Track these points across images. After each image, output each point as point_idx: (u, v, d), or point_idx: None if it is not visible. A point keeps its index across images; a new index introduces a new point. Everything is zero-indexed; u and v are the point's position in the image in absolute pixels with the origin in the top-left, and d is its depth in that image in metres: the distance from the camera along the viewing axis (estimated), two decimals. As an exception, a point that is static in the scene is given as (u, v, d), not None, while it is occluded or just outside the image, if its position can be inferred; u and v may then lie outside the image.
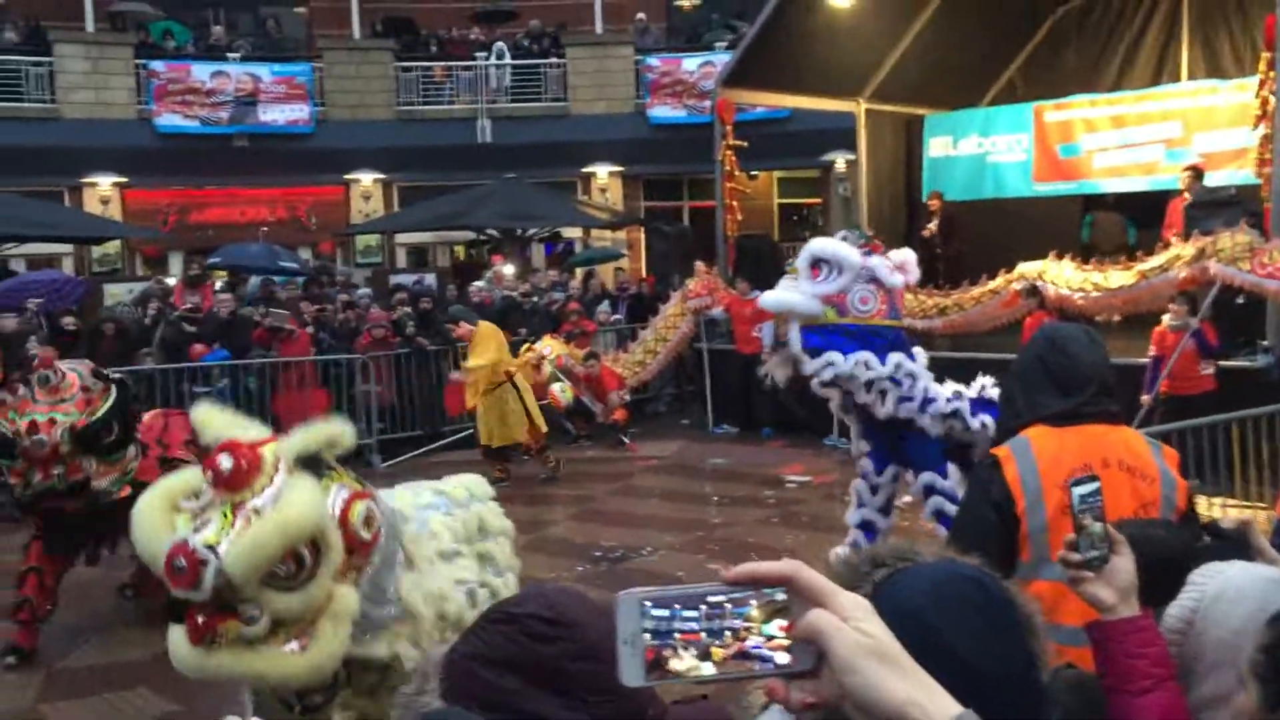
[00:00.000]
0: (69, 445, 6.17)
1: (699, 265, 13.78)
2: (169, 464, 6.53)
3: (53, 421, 6.19)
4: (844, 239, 6.13)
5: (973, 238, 14.21)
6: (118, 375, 6.86)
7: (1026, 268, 11.74)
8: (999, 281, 11.96)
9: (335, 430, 2.96)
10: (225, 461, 2.74)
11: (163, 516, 2.73)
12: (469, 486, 4.41)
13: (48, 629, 6.81)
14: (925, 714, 0.91)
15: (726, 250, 14.36)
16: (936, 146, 15.55)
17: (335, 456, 3.09)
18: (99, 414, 6.30)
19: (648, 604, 0.96)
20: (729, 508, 9.73)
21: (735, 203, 14.44)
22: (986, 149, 14.97)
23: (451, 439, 12.79)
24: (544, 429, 10.99)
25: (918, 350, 6.39)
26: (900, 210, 16.13)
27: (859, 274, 5.80)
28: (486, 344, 10.52)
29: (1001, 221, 14.40)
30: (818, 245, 6.06)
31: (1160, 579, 1.86)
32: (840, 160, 20.52)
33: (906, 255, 6.46)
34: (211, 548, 2.62)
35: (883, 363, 5.94)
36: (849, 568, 1.32)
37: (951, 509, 5.71)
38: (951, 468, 6.07)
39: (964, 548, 1.41)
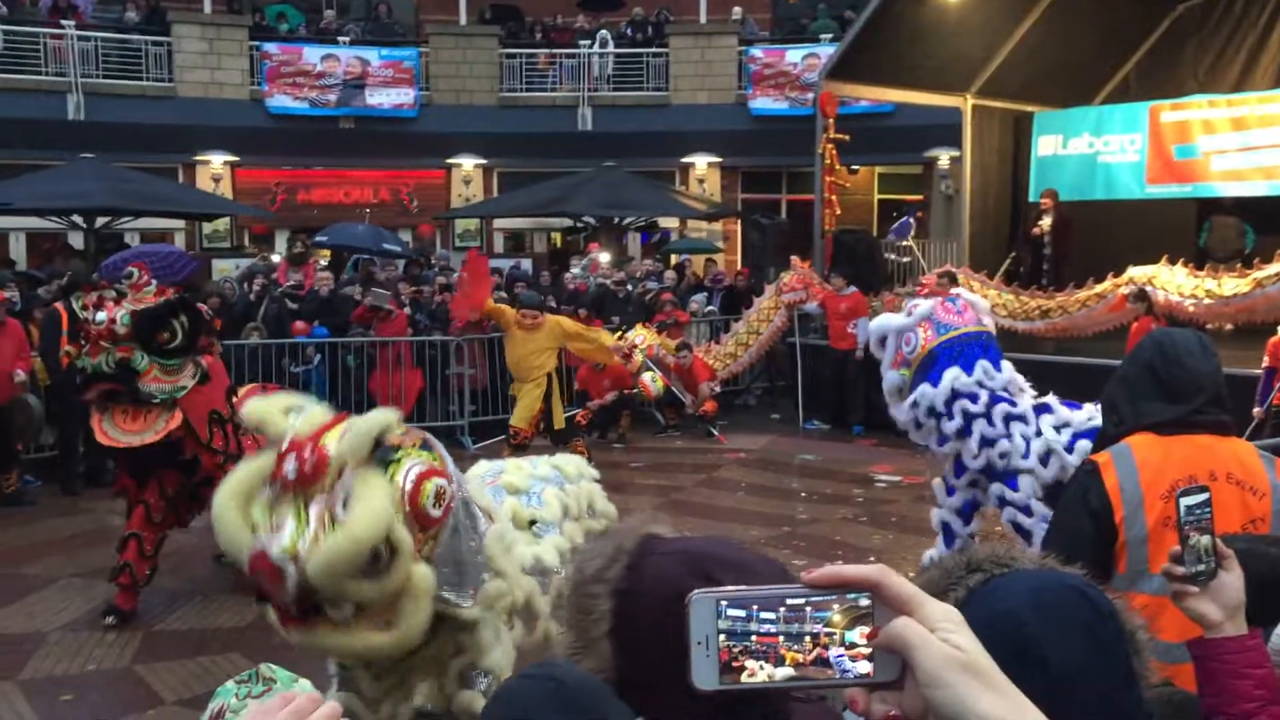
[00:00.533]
0: (125, 328, 6.29)
1: (794, 259, 13.66)
2: (224, 423, 6.92)
3: (116, 303, 6.39)
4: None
5: (1080, 240, 13.84)
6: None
7: (1136, 272, 11.40)
8: (1106, 285, 11.64)
9: (386, 418, 2.96)
10: (290, 466, 2.75)
11: (239, 515, 2.76)
12: (577, 465, 4.54)
13: (146, 593, 7.04)
14: None
15: (824, 245, 14.21)
16: (1045, 145, 15.17)
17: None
18: (160, 303, 6.46)
19: (723, 604, 0.92)
20: (816, 504, 9.64)
21: (834, 197, 14.28)
22: (1098, 149, 14.56)
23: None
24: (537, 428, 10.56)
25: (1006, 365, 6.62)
26: (1005, 209, 15.79)
27: (901, 327, 6.29)
28: (588, 329, 10.78)
29: (1110, 224, 14.01)
30: (870, 329, 6.73)
31: (1270, 597, 1.78)
32: (944, 157, 20.15)
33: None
34: (292, 557, 2.65)
35: (936, 384, 6.23)
36: (942, 571, 1.28)
37: (1026, 521, 5.83)
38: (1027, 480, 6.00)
39: (1056, 556, 1.36)
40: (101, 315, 6.29)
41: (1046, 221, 13.91)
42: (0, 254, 18.95)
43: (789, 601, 0.92)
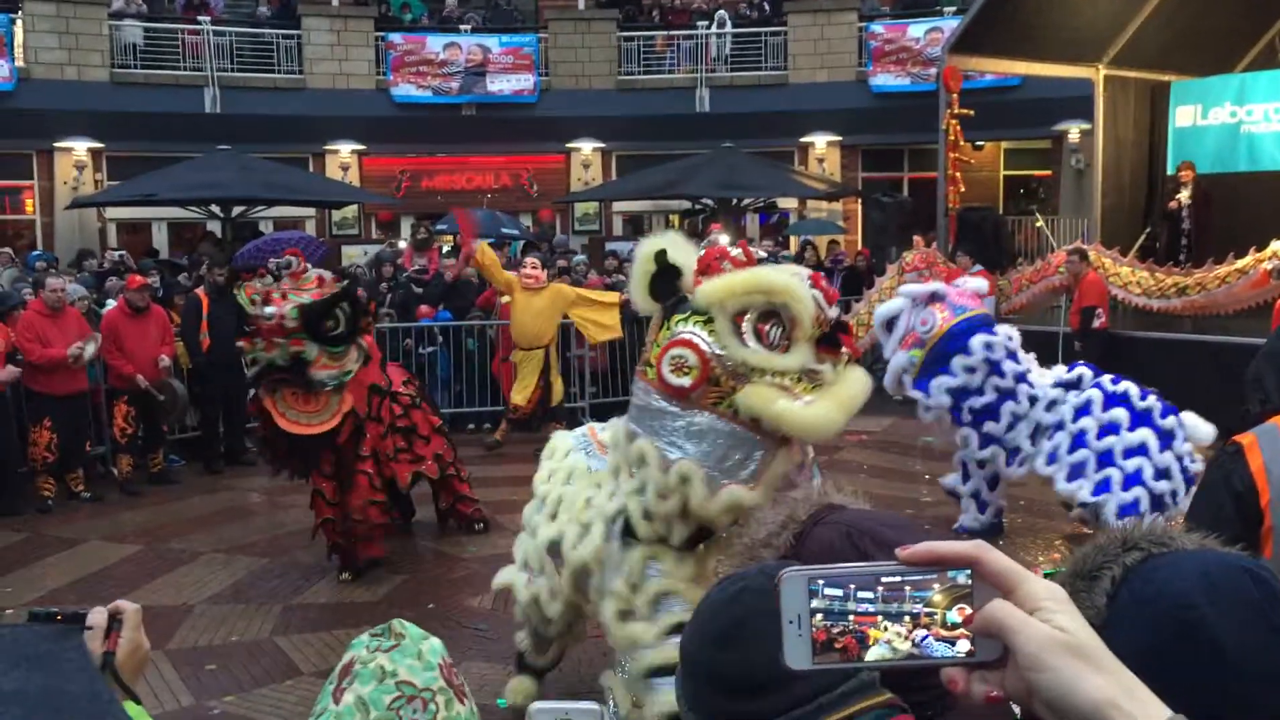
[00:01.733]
0: (295, 321, 6.53)
1: (917, 238, 13.40)
2: (384, 395, 7.42)
3: (284, 297, 6.62)
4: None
5: (1221, 213, 13.25)
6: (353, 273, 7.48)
7: (1280, 246, 10.88)
8: (1248, 260, 11.14)
9: None
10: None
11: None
12: None
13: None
14: (1128, 716, 0.82)
15: (947, 223, 13.91)
16: (1183, 115, 14.57)
17: None
18: (324, 297, 6.71)
19: (820, 582, 0.91)
20: (939, 487, 9.45)
21: (958, 174, 13.96)
22: (1240, 118, 13.93)
23: (661, 405, 12.93)
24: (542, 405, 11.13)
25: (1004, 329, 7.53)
26: (1140, 183, 15.22)
27: (909, 309, 6.73)
28: (595, 292, 11.08)
29: (1254, 196, 13.38)
30: (877, 314, 7.33)
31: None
32: (1074, 130, 19.51)
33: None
34: None
35: (968, 352, 7.15)
36: (1096, 548, 1.25)
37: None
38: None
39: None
40: (271, 310, 6.52)
41: (1184, 195, 13.37)
42: (144, 242, 19.86)
43: (885, 580, 0.90)
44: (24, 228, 20.45)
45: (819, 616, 0.90)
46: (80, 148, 19.82)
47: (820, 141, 21.97)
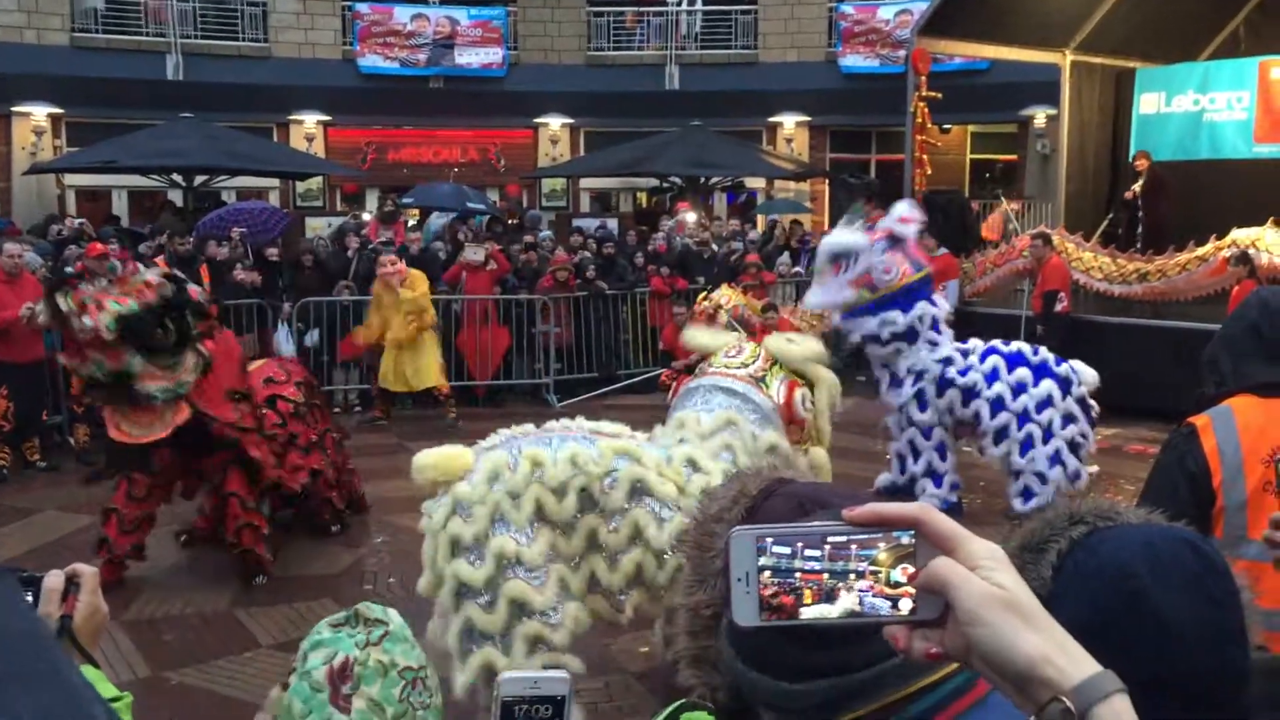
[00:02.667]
0: (113, 333, 5.89)
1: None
2: (247, 399, 6.78)
3: (100, 306, 5.92)
4: (848, 222, 7.49)
5: (1182, 201, 13.39)
6: (187, 282, 6.61)
7: (1240, 234, 11.02)
8: (1208, 248, 11.27)
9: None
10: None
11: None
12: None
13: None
14: (1060, 671, 0.84)
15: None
16: (1147, 103, 14.69)
17: None
18: (139, 311, 6.01)
19: (768, 540, 0.92)
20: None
21: (925, 157, 14.01)
22: (1203, 106, 14.05)
23: (626, 383, 12.96)
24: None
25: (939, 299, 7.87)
26: (1104, 169, 15.34)
27: (873, 250, 6.69)
28: (419, 284, 11.00)
29: (1215, 184, 13.52)
30: (829, 243, 7.21)
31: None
32: (1040, 115, 19.66)
33: (905, 205, 7.66)
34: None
35: (907, 312, 7.39)
36: (1043, 522, 1.27)
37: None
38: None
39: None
40: (88, 322, 5.85)
41: (1139, 184, 13.50)
42: (103, 210, 19.58)
43: (831, 539, 0.91)
44: (-20, 193, 20.10)
45: (767, 574, 0.91)
46: (39, 113, 19.49)
47: (789, 122, 21.99)
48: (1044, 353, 7.63)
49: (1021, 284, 12.22)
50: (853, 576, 0.91)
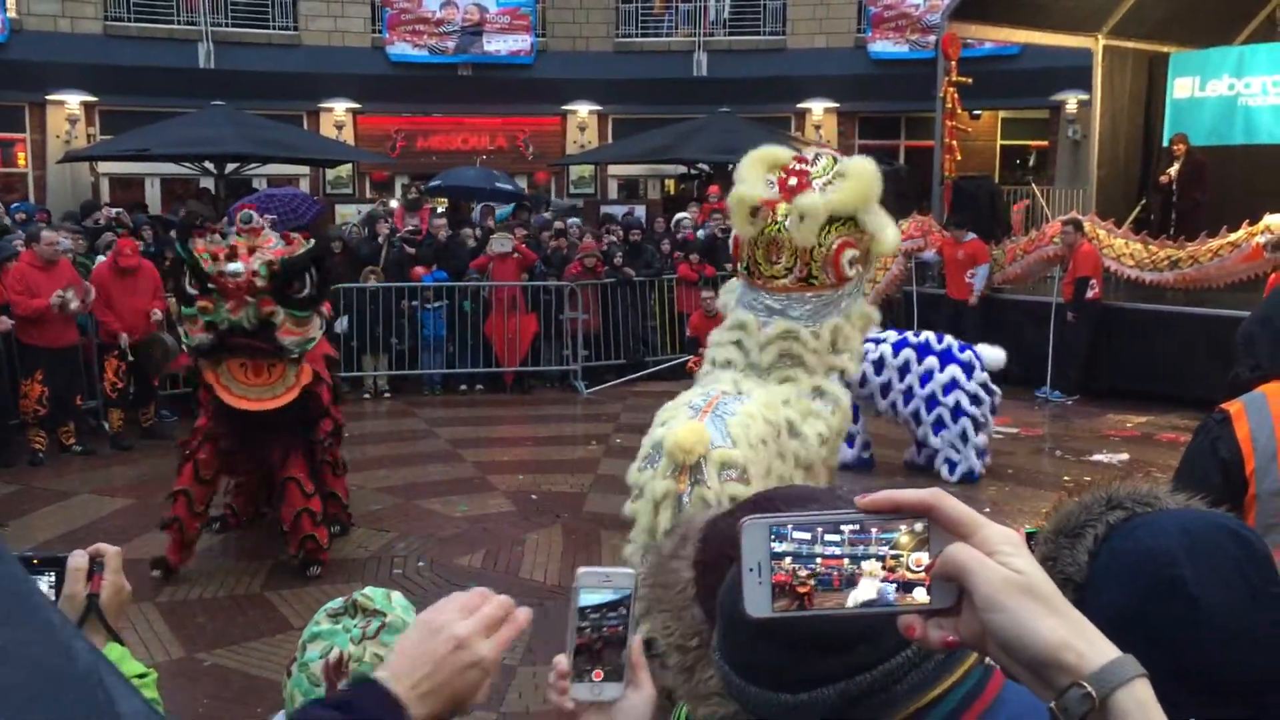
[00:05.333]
0: (265, 279, 6.01)
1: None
2: (333, 365, 7.04)
3: (252, 251, 6.03)
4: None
5: (1216, 186, 13.24)
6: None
7: (1274, 220, 10.87)
8: (1241, 234, 11.13)
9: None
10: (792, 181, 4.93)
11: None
12: None
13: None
14: (1080, 656, 0.83)
15: (943, 191, 13.89)
16: (1181, 87, 14.51)
17: None
18: (297, 254, 6.16)
19: (787, 527, 0.91)
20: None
21: (955, 142, 13.93)
22: (1238, 91, 13.87)
23: (654, 369, 12.96)
24: None
25: None
26: (1135, 155, 15.19)
27: None
28: None
29: (1250, 170, 13.36)
30: None
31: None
32: (1072, 100, 19.45)
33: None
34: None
35: None
36: (1081, 506, 1.26)
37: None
38: None
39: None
40: (237, 266, 5.94)
41: (1175, 168, 13.36)
42: (136, 198, 19.74)
43: (843, 527, 0.90)
44: (15, 180, 20.32)
45: (787, 560, 0.90)
46: (73, 101, 19.67)
47: (817, 108, 21.88)
48: (948, 340, 8.39)
49: (1052, 271, 12.13)
50: (872, 562, 0.89)
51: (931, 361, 8.29)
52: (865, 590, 0.89)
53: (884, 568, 0.89)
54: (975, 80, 14.04)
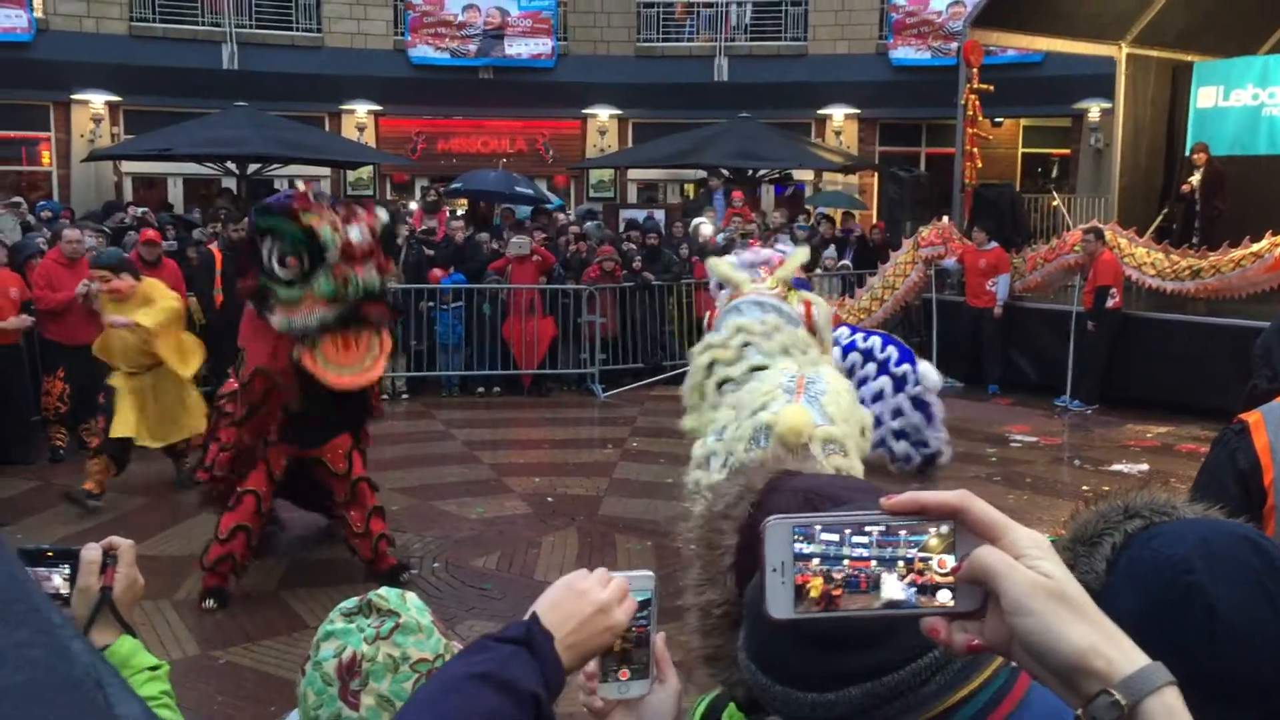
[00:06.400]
0: (370, 244, 5.79)
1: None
2: None
3: (346, 220, 5.75)
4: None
5: (1239, 196, 13.15)
6: None
7: (1298, 231, 10.81)
8: (1263, 244, 11.06)
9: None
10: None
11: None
12: None
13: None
14: (1110, 662, 0.82)
15: (963, 199, 13.85)
16: (1205, 96, 14.43)
17: None
18: (386, 220, 5.97)
19: (816, 528, 0.89)
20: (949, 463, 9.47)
21: (976, 150, 13.88)
22: (1263, 100, 13.80)
23: (671, 373, 12.95)
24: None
25: None
26: (1158, 164, 15.11)
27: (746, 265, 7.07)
28: (164, 298, 8.13)
29: (1273, 180, 13.27)
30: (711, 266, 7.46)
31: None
32: (1094, 109, 19.37)
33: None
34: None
35: None
36: (1098, 515, 1.26)
37: None
38: None
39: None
40: (359, 231, 5.69)
41: (1196, 177, 13.28)
42: (159, 197, 19.88)
43: (868, 528, 0.89)
44: (40, 179, 20.48)
45: (815, 561, 0.89)
46: (98, 101, 19.81)
47: (838, 114, 21.84)
48: (889, 350, 8.27)
49: (1072, 280, 12.07)
50: (900, 565, 0.88)
51: (870, 368, 8.28)
52: (891, 592, 0.88)
53: (912, 570, 0.88)
54: (997, 87, 14.00)
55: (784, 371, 5.43)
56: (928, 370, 8.20)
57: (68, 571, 1.67)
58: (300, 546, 7.27)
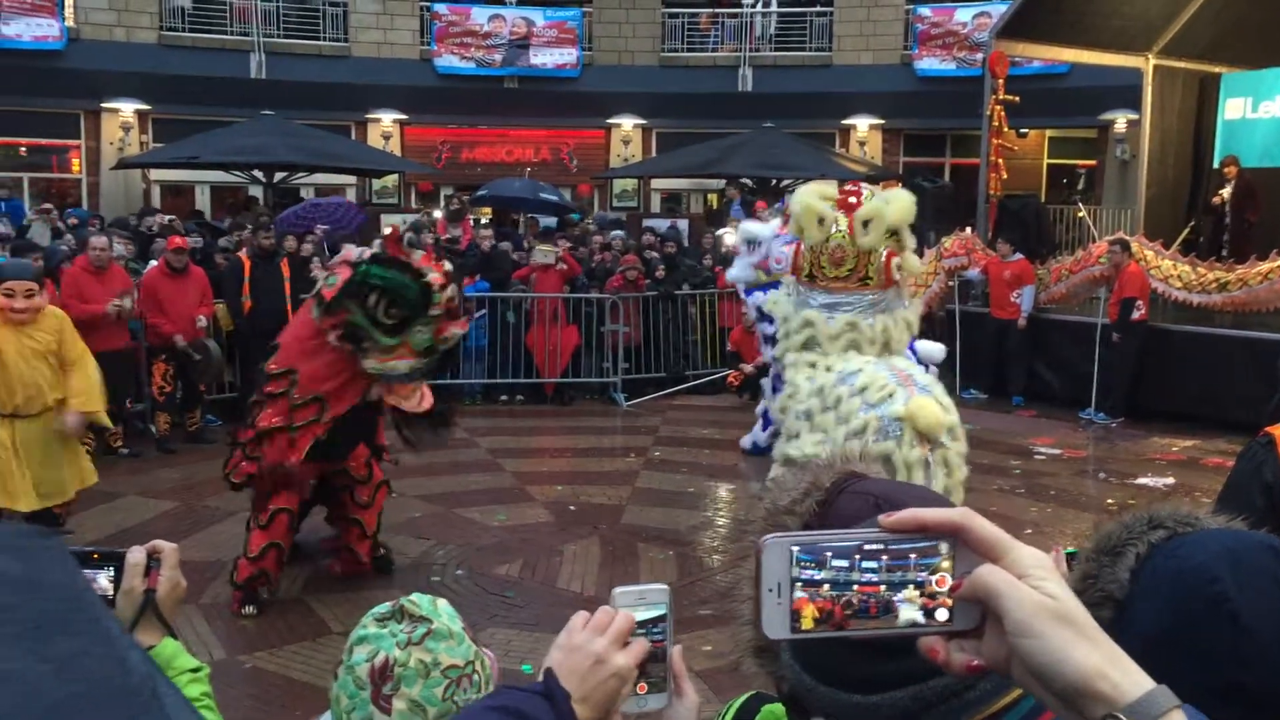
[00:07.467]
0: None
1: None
2: None
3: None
4: (767, 216, 8.29)
5: (1269, 208, 13.06)
6: None
7: (1327, 244, 10.72)
8: (1292, 257, 10.98)
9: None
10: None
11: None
12: None
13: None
14: (1115, 686, 0.80)
15: (988, 210, 13.81)
16: (1233, 108, 14.35)
17: None
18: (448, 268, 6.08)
19: (795, 550, 0.88)
20: (971, 475, 9.40)
21: (1001, 161, 13.84)
22: (1291, 112, 13.69)
23: (694, 383, 12.97)
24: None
25: None
26: (1185, 175, 15.02)
27: (775, 240, 7.03)
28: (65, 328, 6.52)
29: (1303, 192, 13.18)
30: (743, 227, 7.73)
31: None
32: (1121, 120, 19.28)
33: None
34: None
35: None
36: (1121, 526, 1.26)
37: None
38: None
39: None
40: (450, 288, 5.95)
41: (1227, 190, 13.19)
42: (187, 204, 20.06)
43: (866, 547, 0.88)
44: (70, 186, 20.71)
45: (826, 587, 0.88)
46: (127, 109, 20.03)
47: (862, 124, 21.83)
48: None
49: (1098, 291, 12.02)
50: (911, 588, 0.87)
51: None
52: (900, 616, 0.87)
53: (922, 594, 0.87)
54: (1023, 98, 13.96)
55: (878, 363, 5.69)
56: (928, 346, 8.12)
57: (113, 573, 1.70)
58: (323, 553, 7.31)
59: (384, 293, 5.79)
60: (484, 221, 16.55)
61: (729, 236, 15.44)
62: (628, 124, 22.19)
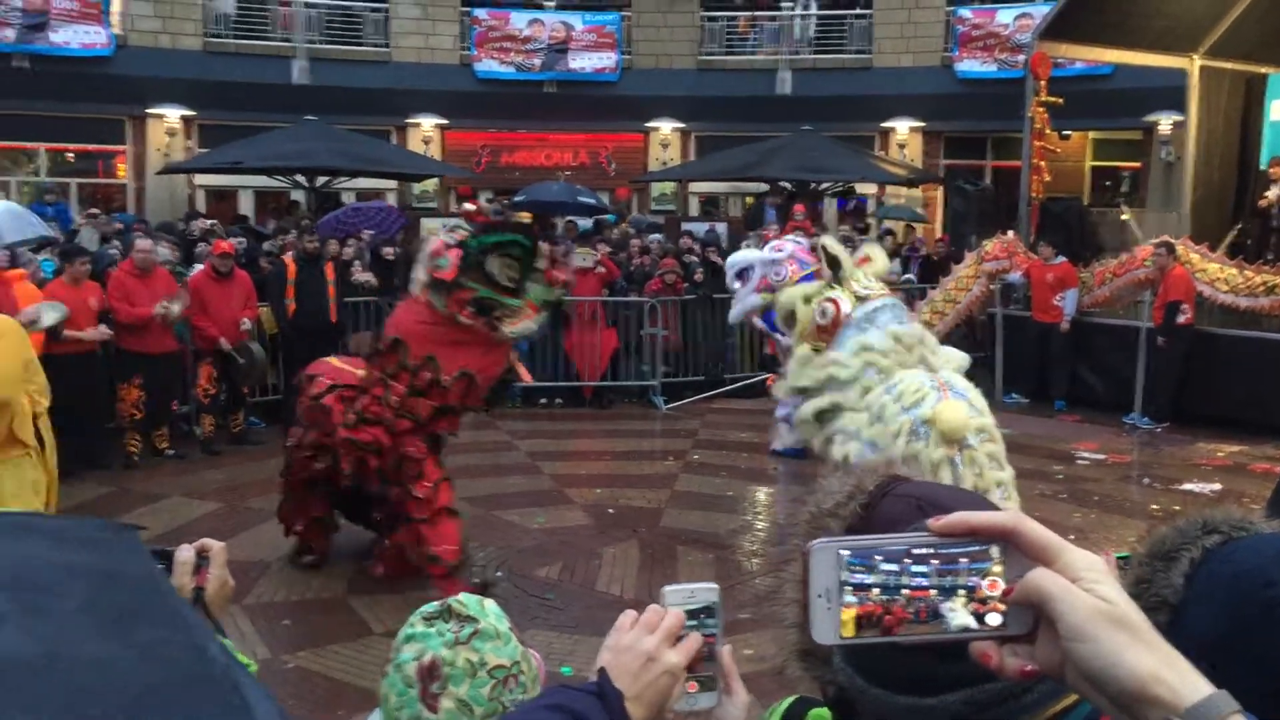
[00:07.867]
0: None
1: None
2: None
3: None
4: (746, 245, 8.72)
5: (1315, 211, 12.86)
6: None
7: (1378, 246, 10.53)
8: (1342, 260, 10.80)
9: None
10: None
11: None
12: None
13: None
14: (1173, 691, 0.79)
15: (1030, 213, 13.69)
16: (1279, 109, 14.13)
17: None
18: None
19: (845, 554, 0.88)
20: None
21: (1043, 163, 13.71)
22: (1340, 113, 13.47)
23: (732, 387, 12.95)
24: None
25: None
26: (1231, 177, 14.82)
27: (766, 261, 7.25)
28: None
29: (1351, 194, 12.95)
30: (729, 261, 7.93)
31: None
32: (1165, 122, 19.03)
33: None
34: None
35: None
36: (1176, 530, 1.26)
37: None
38: None
39: None
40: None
41: (1274, 192, 12.99)
42: (231, 209, 20.30)
43: (915, 551, 0.87)
44: (116, 191, 21.03)
45: (875, 591, 0.88)
46: (172, 115, 20.30)
47: (903, 127, 21.70)
48: None
49: (1142, 295, 11.87)
50: (962, 592, 0.86)
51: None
52: (950, 622, 0.87)
53: (973, 599, 0.87)
54: (1065, 100, 13.82)
55: (919, 374, 5.80)
56: (950, 353, 8.12)
57: (162, 570, 1.73)
58: (367, 552, 7.35)
59: (502, 252, 6.01)
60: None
61: (749, 252, 15.45)
62: (666, 128, 22.20)
